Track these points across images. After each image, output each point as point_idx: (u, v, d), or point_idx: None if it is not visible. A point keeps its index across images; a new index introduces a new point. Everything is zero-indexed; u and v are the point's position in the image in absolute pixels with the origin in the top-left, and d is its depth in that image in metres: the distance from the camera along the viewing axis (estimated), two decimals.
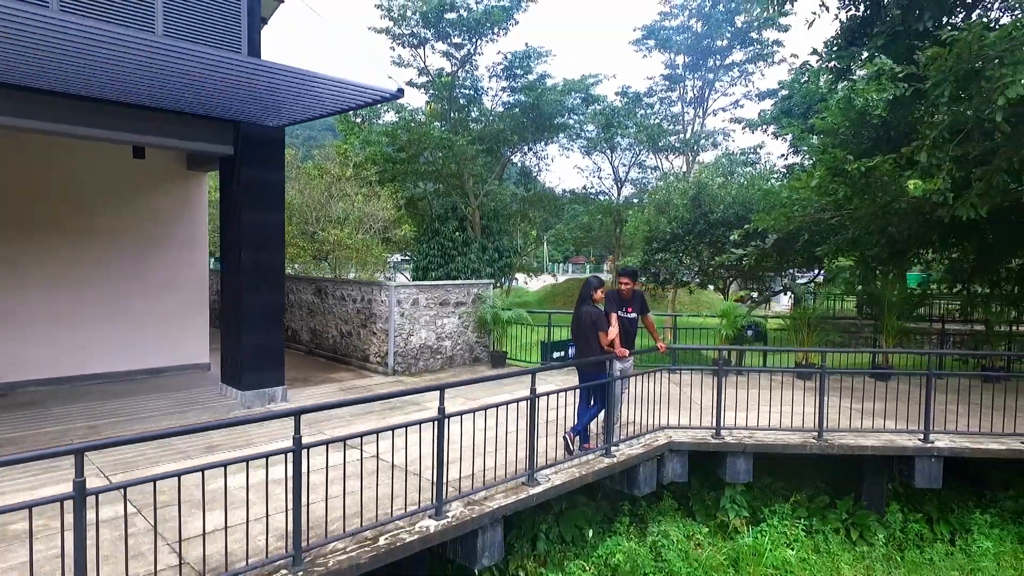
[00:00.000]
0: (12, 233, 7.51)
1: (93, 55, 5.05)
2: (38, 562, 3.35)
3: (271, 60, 5.73)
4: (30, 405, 6.94)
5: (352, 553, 3.84)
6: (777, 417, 7.10)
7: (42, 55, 5.08)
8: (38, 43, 4.82)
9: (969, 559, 6.73)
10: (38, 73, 5.55)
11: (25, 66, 5.34)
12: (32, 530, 2.81)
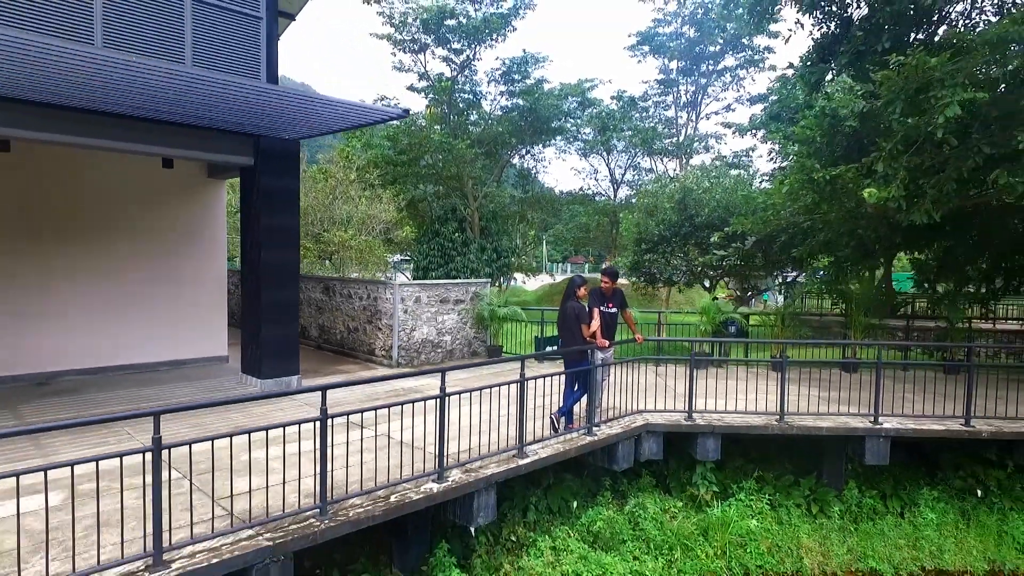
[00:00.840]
0: (54, 237, 8.26)
1: (131, 82, 5.80)
2: (114, 511, 4.09)
3: (286, 86, 6.51)
4: (72, 392, 7.69)
5: (368, 507, 4.60)
6: (745, 403, 7.85)
7: (87, 83, 5.83)
8: (84, 73, 5.57)
9: (915, 529, 7.50)
10: (85, 97, 6.30)
11: (73, 91, 6.09)
12: (123, 476, 3.55)
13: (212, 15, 7.41)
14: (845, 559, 7.25)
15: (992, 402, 7.79)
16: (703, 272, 14.15)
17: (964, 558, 7.28)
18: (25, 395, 7.50)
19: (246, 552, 3.90)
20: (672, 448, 7.57)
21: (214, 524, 4.12)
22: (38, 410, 6.82)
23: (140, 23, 6.78)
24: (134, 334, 8.92)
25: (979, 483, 8.09)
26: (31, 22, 6.12)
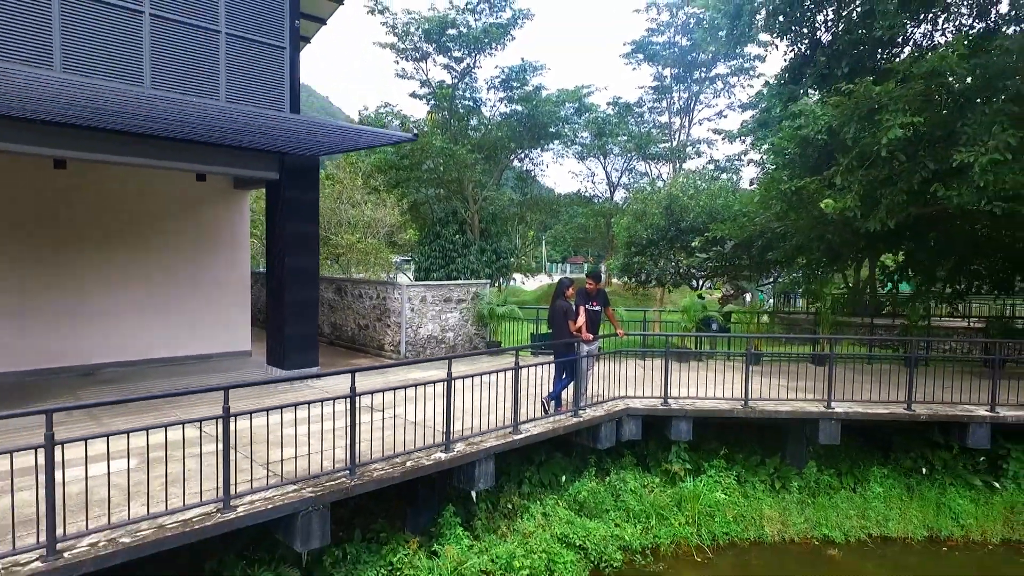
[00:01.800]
0: (98, 243, 9.23)
1: (174, 114, 6.76)
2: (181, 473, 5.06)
3: (307, 115, 7.47)
4: (115, 381, 8.66)
5: (388, 470, 5.57)
6: (715, 391, 8.80)
7: (137, 114, 6.80)
8: (135, 108, 6.53)
9: (864, 501, 8.48)
10: (134, 124, 7.26)
11: (124, 119, 7.05)
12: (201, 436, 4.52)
13: (242, 48, 8.37)
14: (802, 527, 8.23)
15: (937, 390, 8.78)
16: (689, 273, 15.14)
17: (906, 526, 8.27)
18: (77, 383, 8.45)
19: (293, 501, 4.88)
20: (650, 430, 8.53)
21: (267, 481, 5.09)
22: (95, 395, 7.78)
23: (182, 63, 7.75)
24: (167, 330, 9.89)
25: (926, 463, 9.07)
26: (91, 67, 7.09)
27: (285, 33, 8.87)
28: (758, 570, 7.69)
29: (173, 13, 7.75)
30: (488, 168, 26.73)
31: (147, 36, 7.56)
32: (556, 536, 7.05)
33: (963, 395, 8.75)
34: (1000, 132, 7.82)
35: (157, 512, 4.39)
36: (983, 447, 8.27)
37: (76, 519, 4.25)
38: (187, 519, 4.44)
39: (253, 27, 8.49)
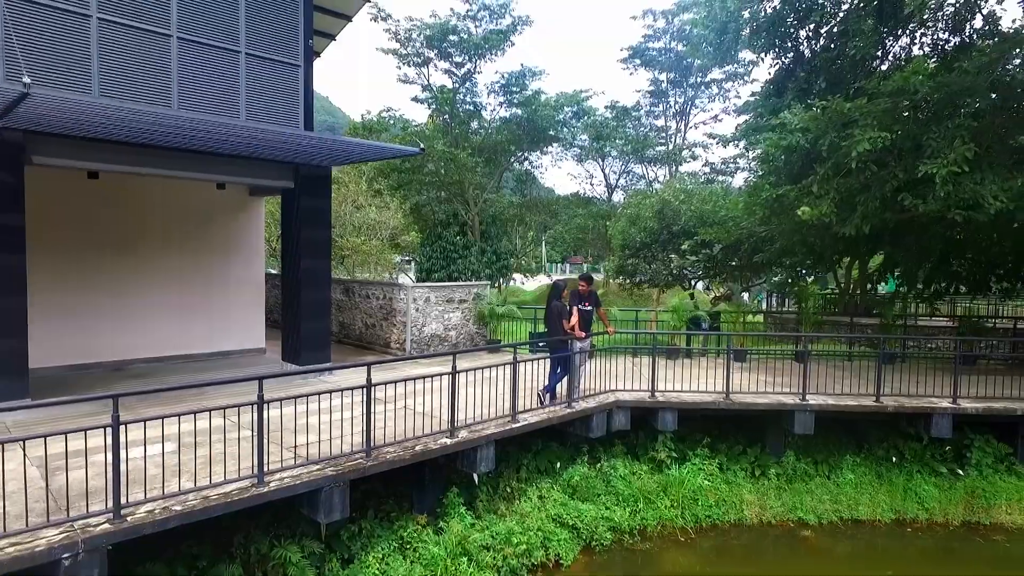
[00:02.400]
0: (126, 248, 9.90)
1: (198, 132, 7.43)
2: (218, 454, 5.72)
3: (320, 133, 8.14)
4: (144, 376, 9.33)
5: (400, 453, 6.24)
6: (701, 385, 9.44)
7: (166, 132, 7.46)
8: (164, 126, 7.20)
9: (837, 487, 9.16)
10: (161, 139, 7.91)
11: (153, 136, 7.71)
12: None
13: (260, 66, 9.04)
14: (779, 511, 8.91)
15: (907, 384, 9.46)
16: (681, 274, 15.81)
17: (875, 510, 8.95)
18: (109, 378, 9.13)
19: (317, 478, 5.55)
20: (638, 421, 9.20)
21: (294, 461, 5.76)
22: (127, 388, 8.43)
23: (207, 82, 8.42)
24: (189, 329, 10.56)
25: (897, 452, 9.75)
26: (125, 91, 7.76)
27: (299, 51, 9.54)
28: (737, 550, 8.37)
29: (199, 36, 8.42)
30: (488, 171, 27.35)
31: (175, 58, 8.23)
32: (551, 516, 7.74)
33: (929, 389, 9.43)
34: (960, 146, 8.49)
35: (202, 485, 5.07)
36: (946, 436, 8.94)
37: (132, 490, 4.92)
38: (227, 492, 5.12)
39: (270, 47, 9.16)
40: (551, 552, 7.39)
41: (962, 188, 8.65)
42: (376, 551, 6.44)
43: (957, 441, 9.68)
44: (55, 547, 4.18)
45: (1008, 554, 8.25)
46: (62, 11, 7.36)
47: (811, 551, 8.37)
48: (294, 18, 9.45)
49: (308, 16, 9.66)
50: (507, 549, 6.97)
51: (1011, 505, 8.87)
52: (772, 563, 8.20)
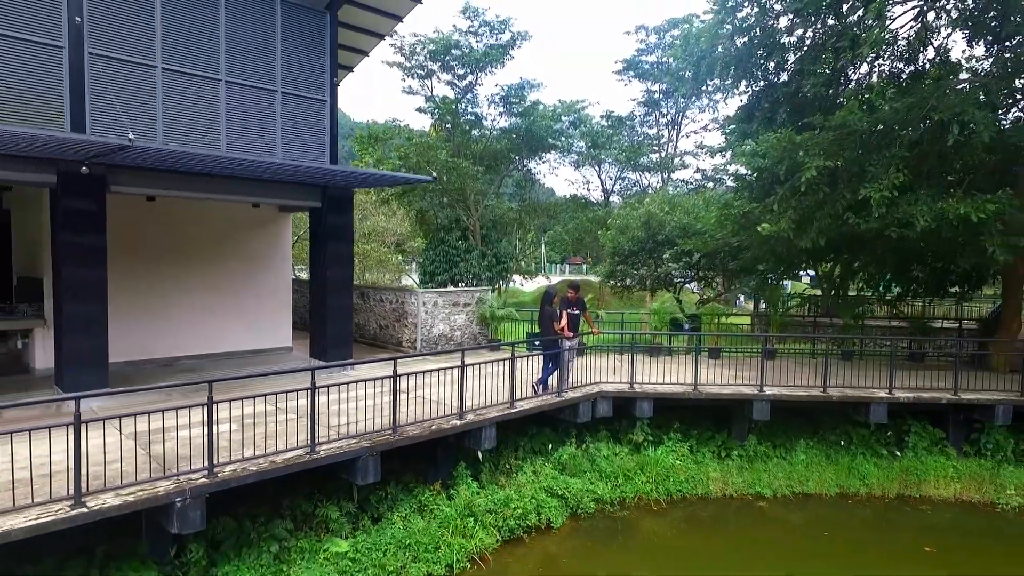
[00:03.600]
0: (174, 259, 11.35)
1: (246, 166, 8.88)
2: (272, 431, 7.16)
3: (343, 166, 9.58)
4: (191, 371, 10.77)
5: (419, 432, 7.71)
6: (675, 378, 10.89)
7: (215, 167, 8.92)
8: (214, 164, 8.65)
9: (791, 466, 10.62)
10: (216, 171, 9.36)
11: (202, 168, 9.16)
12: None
13: (293, 104, 10.49)
14: (740, 486, 10.36)
15: (855, 377, 10.91)
16: (667, 278, 17.27)
17: (822, 485, 10.40)
18: (161, 372, 10.58)
19: (355, 449, 7.01)
20: (620, 409, 10.64)
21: (337, 435, 7.21)
22: (178, 380, 9.88)
23: (248, 120, 9.88)
24: (228, 330, 12.00)
25: (847, 436, 11.20)
26: (181, 128, 9.22)
27: (326, 88, 10.99)
28: (703, 518, 9.82)
29: (242, 79, 9.87)
30: (489, 177, 28.70)
31: (223, 99, 9.69)
32: (543, 488, 9.19)
33: (874, 381, 10.89)
34: (895, 173, 9.94)
35: (270, 452, 6.53)
36: (882, 422, 10.40)
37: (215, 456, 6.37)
38: (288, 458, 6.57)
39: (301, 85, 10.61)
40: (543, 517, 8.84)
41: (897, 209, 10.09)
42: (399, 511, 7.90)
43: (898, 427, 11.16)
44: (171, 493, 5.65)
45: (931, 521, 9.71)
46: (136, 64, 8.81)
47: (766, 519, 9.82)
48: (321, 59, 10.89)
49: (333, 56, 11.10)
50: (506, 512, 8.43)
51: (938, 480, 10.33)
52: (733, 529, 9.64)
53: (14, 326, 9.93)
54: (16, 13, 7.89)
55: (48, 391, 8.88)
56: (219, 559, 6.62)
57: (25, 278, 12.20)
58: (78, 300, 8.29)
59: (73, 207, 8.23)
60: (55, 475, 5.55)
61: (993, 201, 9.54)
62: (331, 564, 6.94)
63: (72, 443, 5.23)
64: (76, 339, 8.29)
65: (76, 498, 5.25)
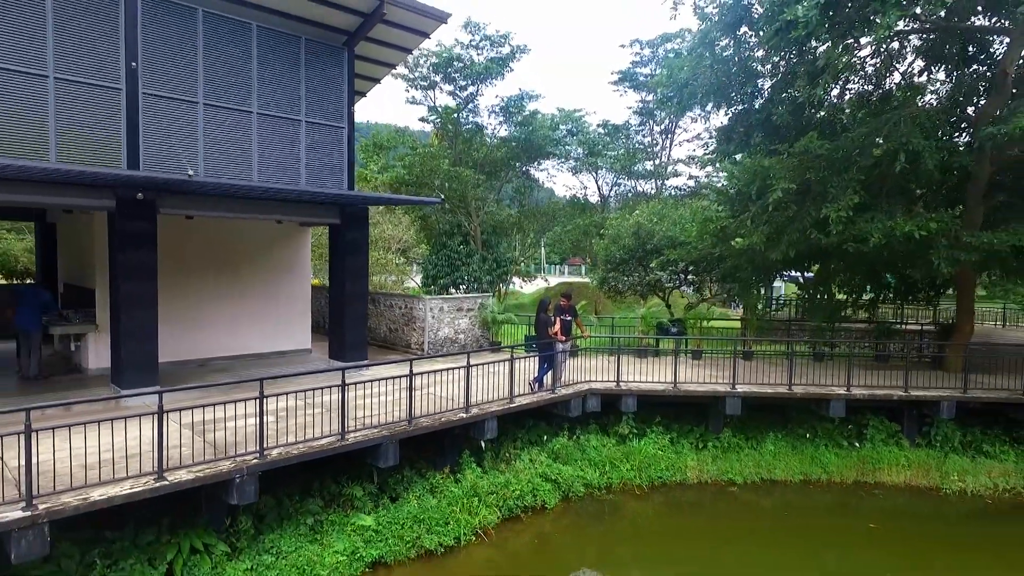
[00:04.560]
0: (207, 271, 12.58)
1: (275, 193, 10.13)
2: (302, 423, 8.39)
3: (360, 191, 10.81)
4: (224, 371, 12.01)
5: (430, 423, 8.95)
6: (658, 377, 12.14)
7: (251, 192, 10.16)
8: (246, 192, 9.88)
9: (760, 456, 11.87)
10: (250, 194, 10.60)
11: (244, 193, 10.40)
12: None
13: (315, 131, 11.73)
14: (714, 473, 11.61)
15: (820, 376, 12.14)
16: (656, 285, 18.51)
17: (787, 473, 11.65)
18: (198, 372, 11.81)
19: (378, 436, 8.26)
20: (607, 404, 11.88)
21: (361, 425, 8.46)
22: (212, 379, 11.11)
23: (276, 147, 11.12)
24: (254, 333, 13.24)
25: (812, 430, 12.45)
26: (219, 156, 10.46)
27: (344, 116, 12.24)
28: (681, 501, 11.07)
29: (271, 110, 11.11)
30: (490, 184, 29.85)
31: (255, 129, 10.93)
32: (538, 473, 10.44)
33: (834, 379, 12.13)
34: (851, 194, 11.18)
35: (308, 439, 7.77)
36: (841, 416, 11.64)
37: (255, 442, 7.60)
38: (323, 443, 7.82)
39: (322, 114, 11.85)
40: (538, 498, 10.09)
41: (854, 226, 11.34)
42: (414, 492, 9.15)
43: (859, 421, 12.42)
44: (231, 470, 6.90)
45: (881, 504, 10.96)
46: (181, 100, 10.05)
47: (737, 503, 11.07)
48: (340, 89, 12.13)
49: (350, 86, 12.34)
50: (506, 493, 9.68)
51: (891, 468, 11.58)
52: (707, 511, 10.89)
53: (70, 331, 11.14)
54: (83, 61, 9.13)
55: (103, 389, 10.13)
56: (264, 529, 7.87)
57: (70, 286, 13.47)
58: (133, 310, 9.53)
59: (129, 228, 9.45)
60: (131, 457, 6.80)
61: (936, 220, 10.79)
62: (357, 535, 8.18)
63: (156, 430, 6.47)
64: (131, 344, 9.53)
65: (159, 473, 6.49)
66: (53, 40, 8.89)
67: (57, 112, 8.97)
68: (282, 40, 11.25)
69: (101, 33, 9.30)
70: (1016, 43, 11.40)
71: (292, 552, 7.63)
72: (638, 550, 9.58)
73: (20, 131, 8.70)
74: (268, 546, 7.64)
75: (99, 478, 6.29)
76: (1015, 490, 11.19)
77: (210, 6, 10.31)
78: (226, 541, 7.52)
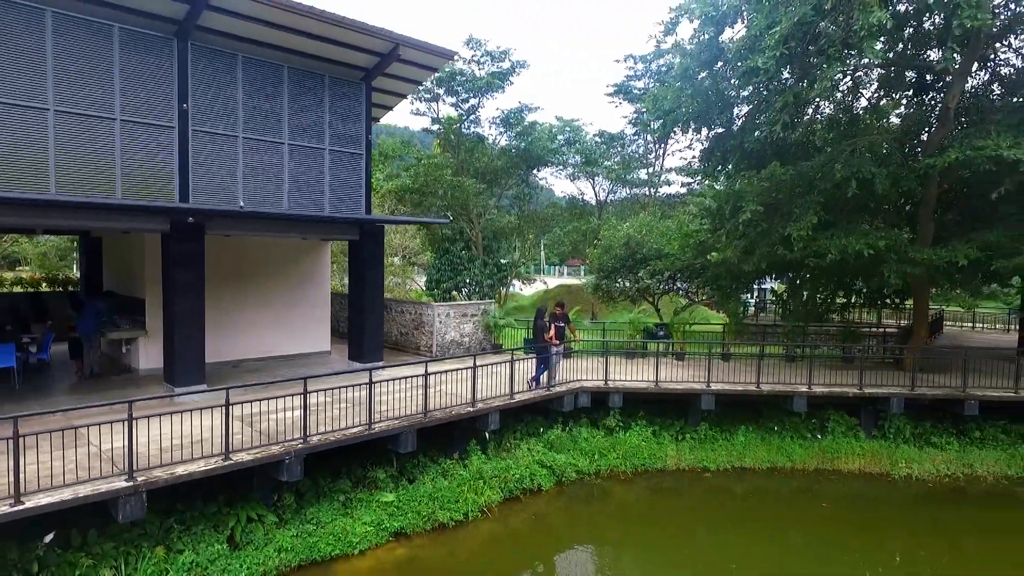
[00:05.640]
0: (239, 281, 14.08)
1: (304, 220, 11.62)
2: (331, 415, 9.87)
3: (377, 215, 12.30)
4: (256, 371, 13.50)
5: (441, 415, 10.46)
6: (642, 376, 13.63)
7: (277, 222, 11.66)
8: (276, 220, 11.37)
9: (732, 446, 13.37)
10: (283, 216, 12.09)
11: (272, 220, 11.89)
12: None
13: (337, 158, 13.23)
14: (690, 461, 13.10)
15: (789, 375, 13.64)
16: (646, 291, 20.03)
17: (756, 461, 13.15)
18: (231, 372, 13.28)
19: (398, 427, 9.75)
20: (597, 400, 13.37)
21: (385, 416, 9.95)
22: (244, 378, 12.59)
23: (304, 173, 12.62)
24: (280, 337, 14.73)
25: (780, 423, 13.95)
26: (256, 182, 11.95)
27: (362, 142, 13.73)
28: (661, 485, 12.56)
29: (300, 141, 12.60)
30: (491, 191, 31.23)
31: (287, 158, 12.43)
32: (535, 460, 11.93)
33: (799, 378, 13.63)
34: (811, 215, 12.68)
35: (341, 428, 9.27)
36: (802, 411, 13.13)
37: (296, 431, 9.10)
38: (354, 432, 9.31)
39: (343, 142, 13.34)
40: (535, 482, 11.58)
41: (814, 243, 12.83)
42: (428, 475, 10.66)
43: (822, 416, 13.92)
44: (282, 453, 8.39)
45: (835, 488, 12.46)
46: (224, 135, 11.55)
47: (711, 487, 12.56)
48: (359, 120, 13.62)
49: (368, 117, 13.84)
50: (507, 477, 11.18)
51: (848, 457, 13.08)
52: (684, 495, 12.37)
53: (124, 335, 12.64)
54: (143, 105, 10.62)
55: (157, 387, 11.61)
56: (305, 504, 9.37)
57: (116, 295, 14.95)
58: (185, 322, 11.02)
59: (181, 250, 10.94)
60: (196, 443, 8.29)
61: (885, 238, 12.29)
62: (382, 510, 9.68)
63: (224, 420, 7.97)
64: (183, 350, 11.03)
65: (225, 454, 7.99)
66: (120, 86, 10.38)
67: (123, 149, 10.46)
68: (309, 78, 12.74)
69: (158, 80, 10.79)
70: (958, 80, 12.89)
71: (329, 523, 9.13)
72: (623, 528, 11.09)
73: (91, 168, 10.19)
74: (309, 518, 9.13)
75: (180, 458, 7.79)
76: (954, 476, 12.71)
77: (250, 52, 11.80)
78: (274, 513, 9.01)
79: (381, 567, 8.92)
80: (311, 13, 11.28)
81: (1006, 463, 12.87)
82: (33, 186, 9.63)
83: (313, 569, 8.63)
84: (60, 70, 9.81)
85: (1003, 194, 11.00)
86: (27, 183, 9.58)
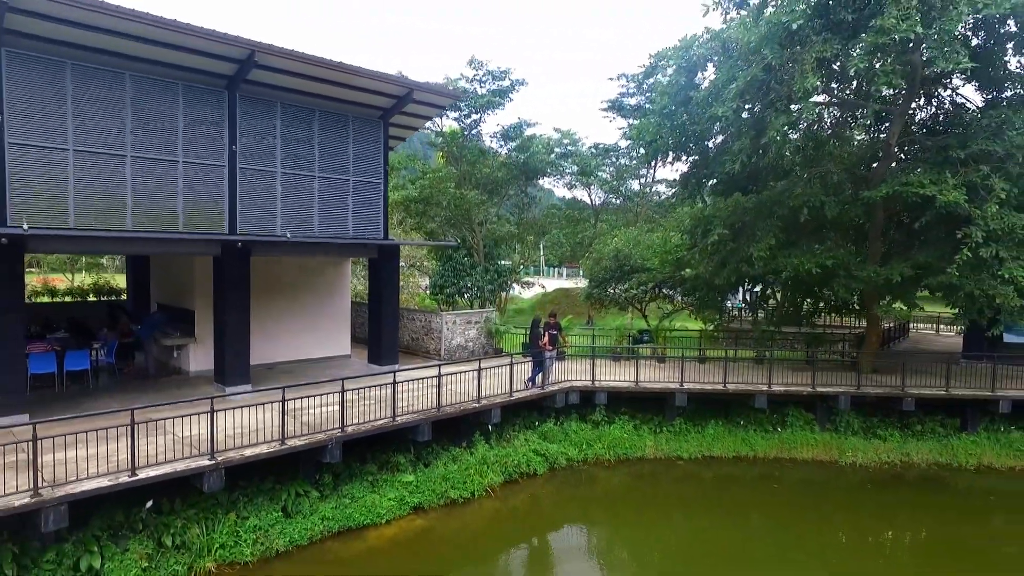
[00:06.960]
0: (272, 294, 16.08)
1: (333, 245, 13.62)
2: (366, 409, 11.86)
3: (393, 238, 14.27)
4: (287, 373, 15.49)
5: (451, 410, 12.45)
6: (624, 376, 15.61)
7: (311, 246, 13.66)
8: (310, 244, 13.37)
9: (703, 437, 15.36)
10: (307, 241, 14.08)
11: (302, 244, 13.88)
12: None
13: (359, 187, 15.21)
14: (666, 451, 15.10)
15: (753, 375, 15.63)
16: (634, 298, 22.02)
17: (723, 451, 15.14)
18: (267, 373, 15.26)
19: (415, 419, 11.75)
20: (585, 398, 15.36)
21: (405, 411, 11.94)
22: (279, 380, 14.56)
23: (331, 201, 14.60)
24: (308, 342, 16.73)
25: (746, 418, 15.94)
26: (290, 219, 13.95)
27: (381, 173, 15.72)
28: (640, 472, 14.55)
29: (328, 173, 14.59)
30: (492, 201, 33.11)
31: (317, 190, 14.42)
32: (531, 449, 13.93)
33: (762, 378, 15.62)
34: (770, 237, 14.66)
35: (371, 419, 11.26)
36: (764, 407, 15.12)
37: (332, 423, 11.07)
38: (381, 423, 11.30)
39: (364, 173, 15.32)
40: (531, 467, 13.58)
41: (773, 261, 14.82)
42: (441, 460, 12.66)
43: (783, 412, 15.91)
44: (325, 440, 10.39)
45: (791, 474, 14.46)
46: (264, 171, 13.54)
47: (682, 473, 14.56)
48: (378, 153, 15.60)
49: (385, 149, 15.83)
50: (507, 462, 13.18)
51: (803, 447, 15.08)
52: (660, 479, 14.37)
53: (177, 342, 14.64)
54: (200, 148, 12.60)
55: (208, 387, 13.59)
56: (340, 482, 11.37)
57: (164, 305, 16.96)
58: (234, 329, 13.02)
59: (231, 271, 12.92)
60: (252, 431, 10.27)
61: (833, 257, 14.27)
62: (403, 488, 11.68)
63: (279, 412, 9.97)
64: (232, 355, 13.03)
65: (282, 440, 9.99)
66: (183, 133, 12.36)
67: (185, 186, 12.43)
68: (336, 119, 14.72)
69: (213, 126, 12.77)
70: (897, 120, 14.86)
71: (361, 498, 11.13)
72: (608, 507, 13.09)
73: (160, 203, 12.15)
74: (344, 494, 11.14)
75: (244, 443, 9.78)
76: (892, 463, 14.71)
77: (287, 100, 13.79)
78: (316, 489, 11.01)
79: (404, 535, 10.92)
80: (340, 68, 13.26)
81: (938, 452, 14.87)
82: (114, 220, 11.61)
83: (349, 534, 10.64)
84: (137, 121, 11.79)
85: (924, 224, 12.97)
86: (111, 219, 11.55)
